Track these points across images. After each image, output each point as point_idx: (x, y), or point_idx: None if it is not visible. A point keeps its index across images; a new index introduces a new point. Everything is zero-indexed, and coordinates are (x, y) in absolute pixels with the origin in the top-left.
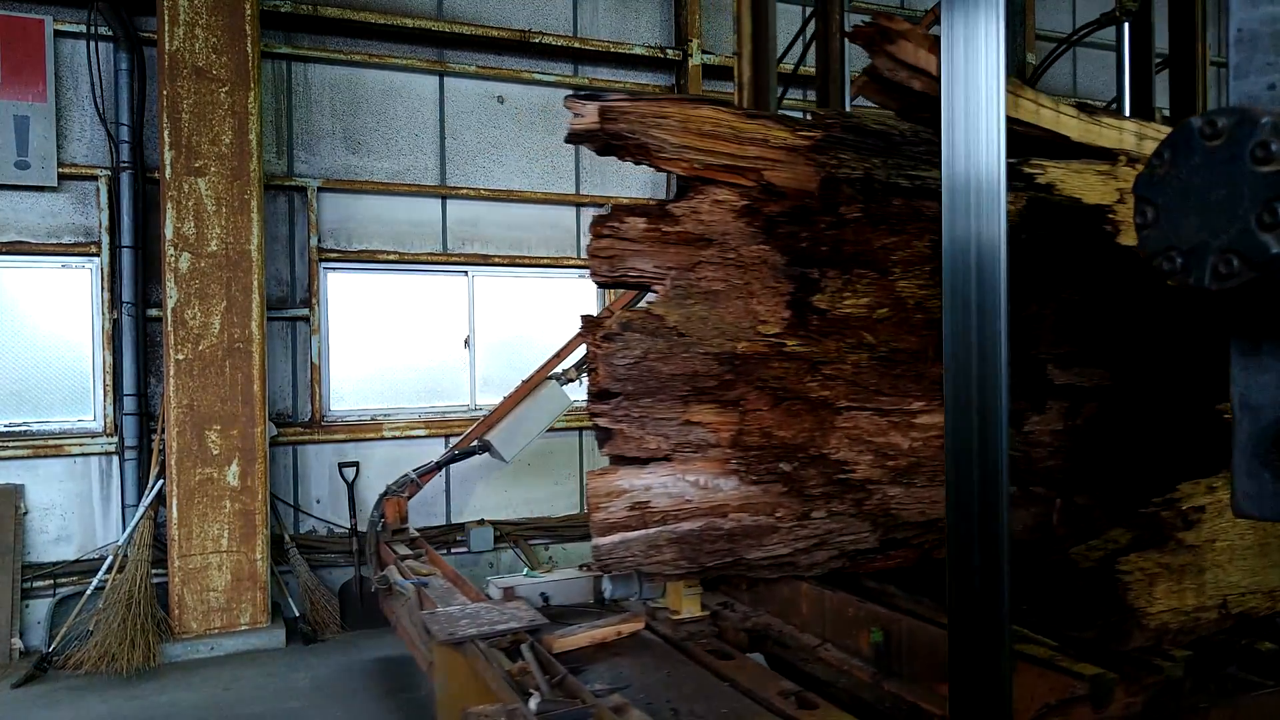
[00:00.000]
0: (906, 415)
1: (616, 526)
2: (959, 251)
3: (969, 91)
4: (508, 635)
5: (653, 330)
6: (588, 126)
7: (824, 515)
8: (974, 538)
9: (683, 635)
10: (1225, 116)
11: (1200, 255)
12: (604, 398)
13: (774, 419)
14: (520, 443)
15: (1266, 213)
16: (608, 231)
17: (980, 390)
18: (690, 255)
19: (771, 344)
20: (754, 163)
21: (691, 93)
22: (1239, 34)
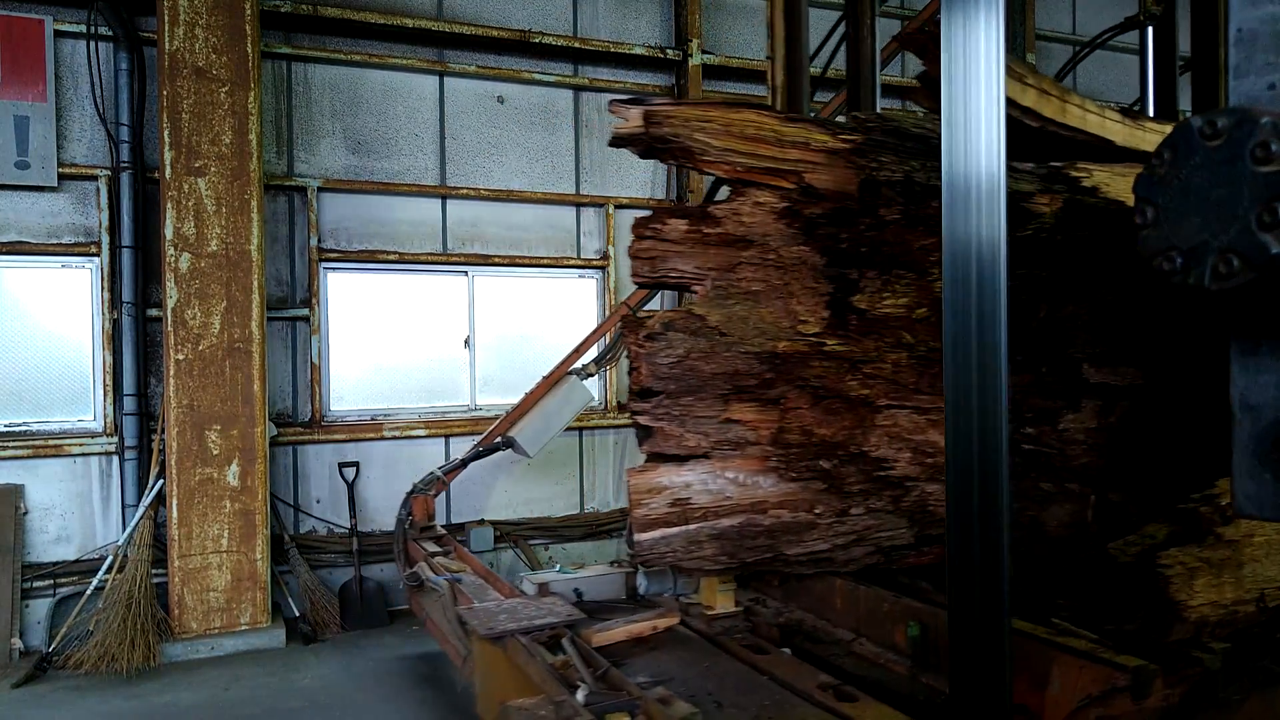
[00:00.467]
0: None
1: (657, 522)
2: (959, 252)
3: (969, 92)
4: (547, 630)
5: (695, 330)
6: (632, 130)
7: (862, 512)
8: (974, 539)
9: (717, 630)
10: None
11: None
12: (645, 396)
13: (814, 417)
14: (543, 438)
15: (1266, 213)
16: (649, 233)
17: (980, 390)
18: (731, 256)
19: (812, 343)
20: (795, 165)
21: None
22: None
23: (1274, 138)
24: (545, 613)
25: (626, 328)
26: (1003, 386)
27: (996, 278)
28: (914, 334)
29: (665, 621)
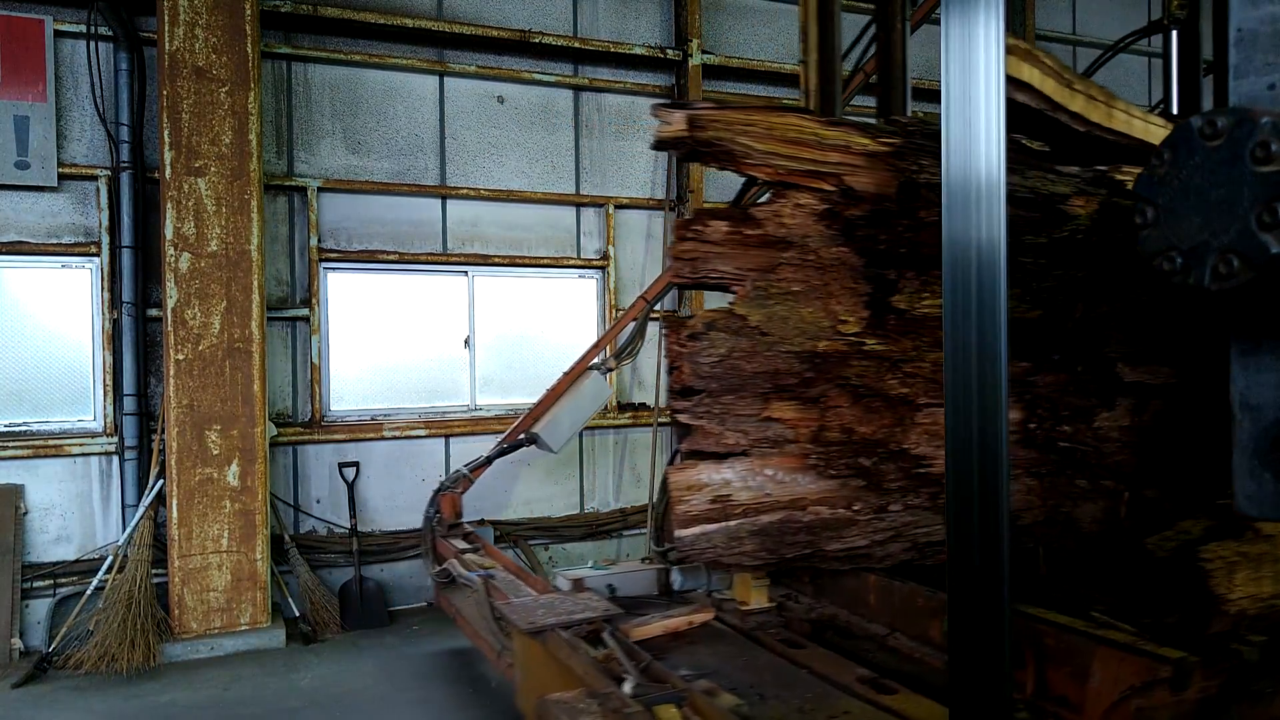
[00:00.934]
0: None
1: (698, 519)
2: (959, 252)
3: (969, 92)
4: (586, 624)
5: (736, 330)
6: (675, 134)
7: (900, 508)
8: (974, 540)
9: (752, 625)
10: (1225, 117)
11: (1200, 255)
12: (686, 395)
13: (854, 415)
14: (566, 433)
15: (1266, 213)
16: (691, 235)
17: (980, 391)
18: (771, 257)
19: (851, 343)
20: (835, 168)
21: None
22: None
23: (1274, 138)
24: (583, 608)
25: (669, 328)
26: (1002, 387)
27: (996, 278)
28: None
29: (701, 616)
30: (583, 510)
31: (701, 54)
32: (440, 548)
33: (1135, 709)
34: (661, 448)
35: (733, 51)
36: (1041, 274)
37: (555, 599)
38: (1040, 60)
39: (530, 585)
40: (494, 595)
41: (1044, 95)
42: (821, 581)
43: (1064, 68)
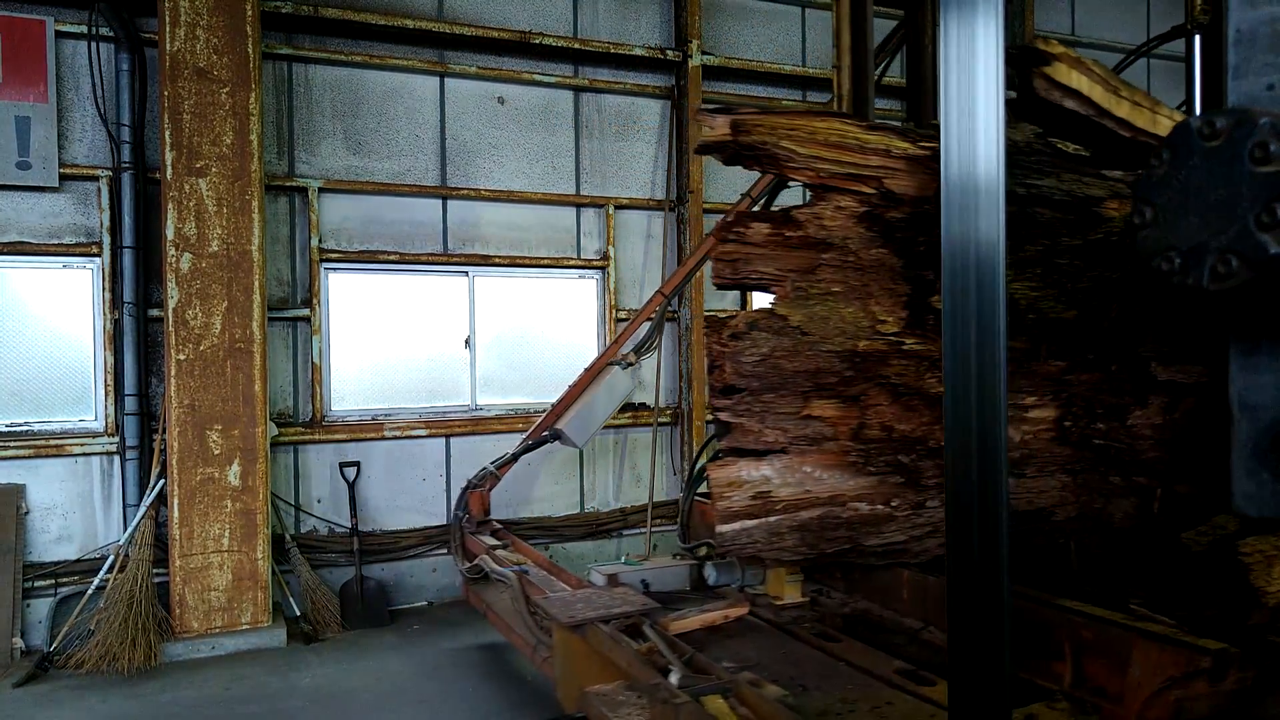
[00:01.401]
0: (1019, 410)
1: (739, 514)
2: (958, 252)
3: (969, 92)
4: (625, 618)
5: (778, 330)
6: (718, 138)
7: (938, 504)
8: (974, 541)
9: (786, 619)
10: (1224, 117)
11: (1199, 255)
12: (727, 393)
13: (894, 413)
14: (590, 429)
15: (1265, 213)
16: (733, 236)
17: (980, 392)
18: (811, 259)
19: (891, 342)
20: (876, 171)
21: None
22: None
23: (1273, 138)
24: (620, 602)
25: (709, 328)
26: (1002, 387)
27: (996, 279)
28: None
29: (736, 611)
30: (583, 510)
31: (701, 55)
32: (470, 544)
33: (1175, 699)
34: (661, 448)
35: (733, 52)
36: (1077, 275)
37: (592, 593)
38: (1089, 68)
39: (564, 580)
40: (528, 590)
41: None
42: (853, 577)
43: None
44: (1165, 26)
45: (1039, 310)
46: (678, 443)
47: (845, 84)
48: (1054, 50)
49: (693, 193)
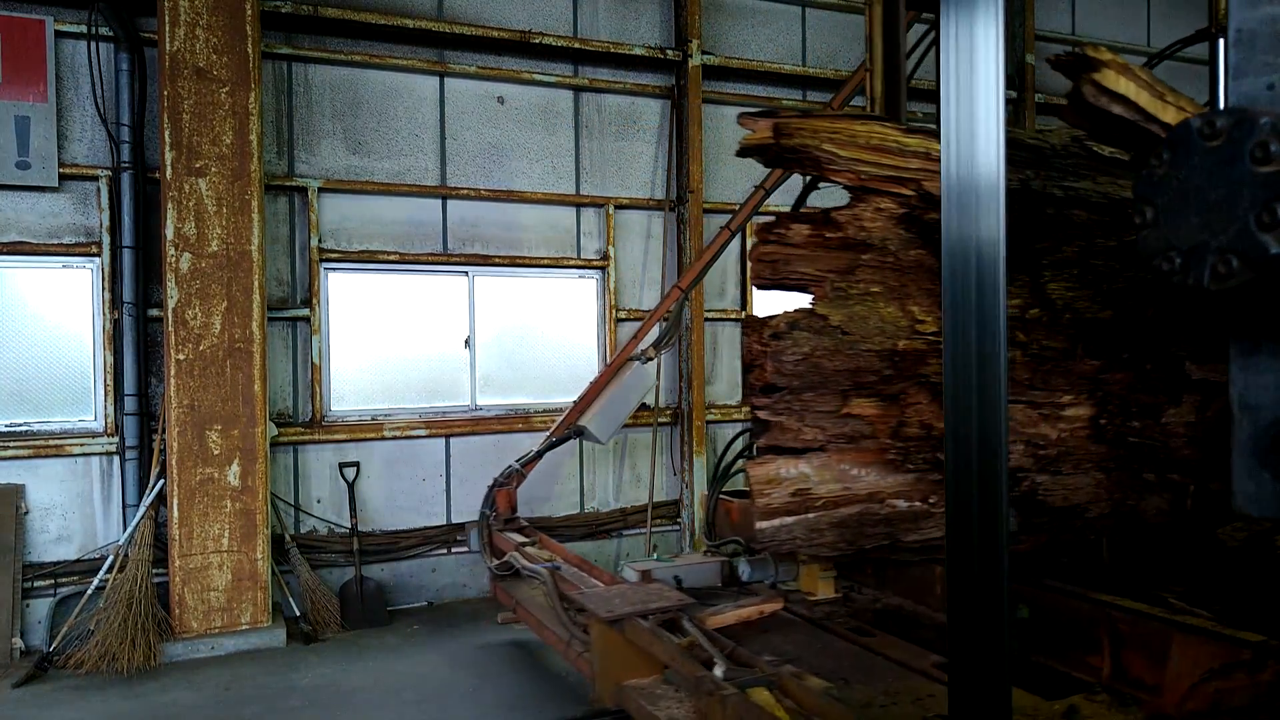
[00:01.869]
0: (1056, 408)
1: (778, 511)
2: (958, 252)
3: (968, 92)
4: (663, 613)
5: (818, 329)
6: (760, 141)
7: None
8: (973, 542)
9: (820, 615)
10: (1224, 117)
11: (1200, 255)
12: (767, 392)
13: (933, 411)
14: (614, 424)
15: (1265, 213)
16: (774, 238)
17: (980, 390)
18: (850, 259)
19: (930, 342)
20: (915, 174)
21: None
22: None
23: (1273, 138)
24: (656, 597)
25: (749, 327)
26: (1002, 386)
27: (996, 278)
28: (1027, 333)
29: (771, 606)
30: (583, 510)
31: (701, 54)
32: (498, 541)
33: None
34: (661, 448)
35: (732, 52)
36: (1113, 276)
37: (626, 589)
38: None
39: (596, 576)
40: (561, 586)
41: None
42: (885, 573)
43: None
44: (1165, 26)
45: (1075, 310)
46: (677, 443)
47: (878, 87)
48: (1103, 57)
49: (693, 192)
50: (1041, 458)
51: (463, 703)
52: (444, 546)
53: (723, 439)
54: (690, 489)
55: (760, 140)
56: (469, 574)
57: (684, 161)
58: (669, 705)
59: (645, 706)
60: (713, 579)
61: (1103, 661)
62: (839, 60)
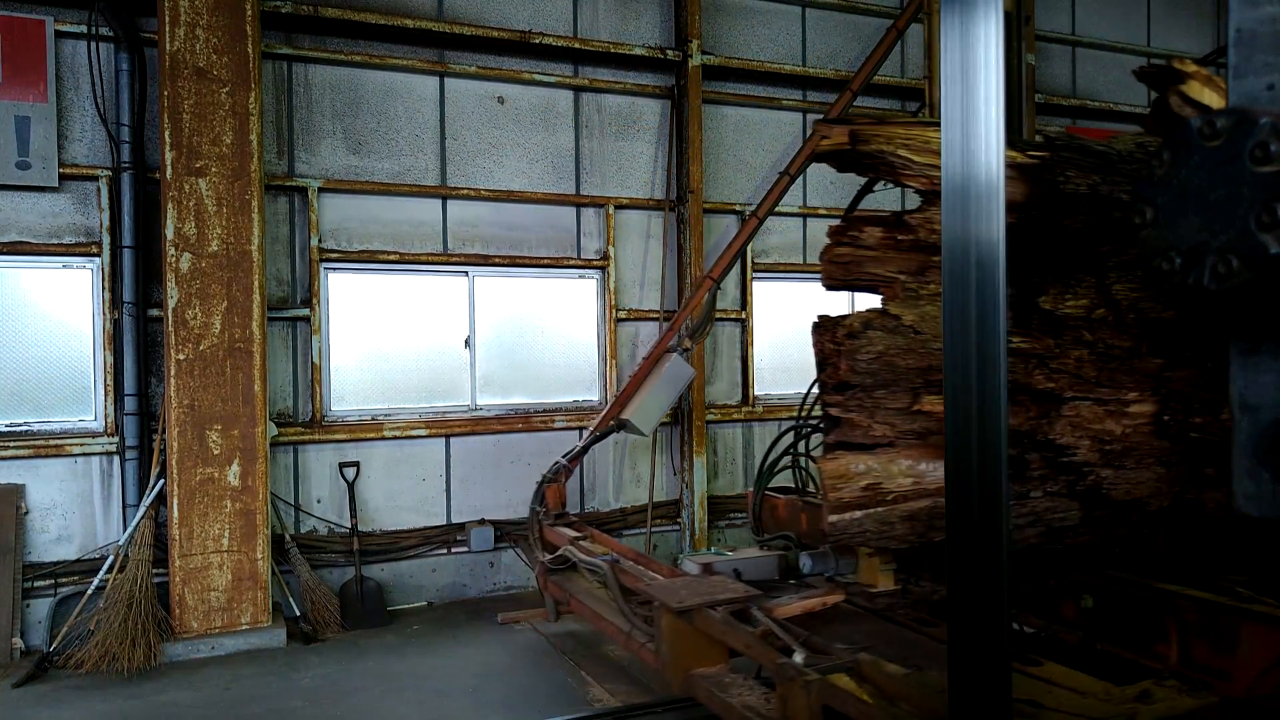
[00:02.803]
0: (1121, 404)
1: (851, 505)
2: (958, 251)
3: (968, 92)
4: (731, 604)
5: (891, 329)
6: (835, 147)
7: (1040, 495)
8: (973, 540)
9: (880, 606)
10: (1224, 117)
11: (1200, 255)
12: (840, 389)
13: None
14: (655, 417)
15: (1265, 213)
16: (847, 240)
17: (980, 390)
18: (921, 260)
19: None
20: None
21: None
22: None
23: (1273, 138)
24: (721, 589)
25: (822, 327)
26: (1002, 386)
27: (995, 278)
28: (1093, 332)
29: (833, 598)
30: (583, 510)
31: (701, 54)
32: (549, 536)
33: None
34: (661, 448)
35: (732, 52)
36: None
37: (691, 581)
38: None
39: (654, 570)
40: (621, 579)
41: None
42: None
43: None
44: (1165, 26)
45: (1140, 310)
46: (677, 443)
47: (937, 93)
48: (1188, 69)
49: (693, 192)
50: (1107, 452)
51: (463, 702)
52: (444, 546)
53: (723, 439)
54: (690, 489)
55: (835, 146)
56: (469, 574)
57: (684, 161)
58: (739, 692)
59: (716, 694)
60: (771, 572)
61: (1169, 649)
62: (839, 60)
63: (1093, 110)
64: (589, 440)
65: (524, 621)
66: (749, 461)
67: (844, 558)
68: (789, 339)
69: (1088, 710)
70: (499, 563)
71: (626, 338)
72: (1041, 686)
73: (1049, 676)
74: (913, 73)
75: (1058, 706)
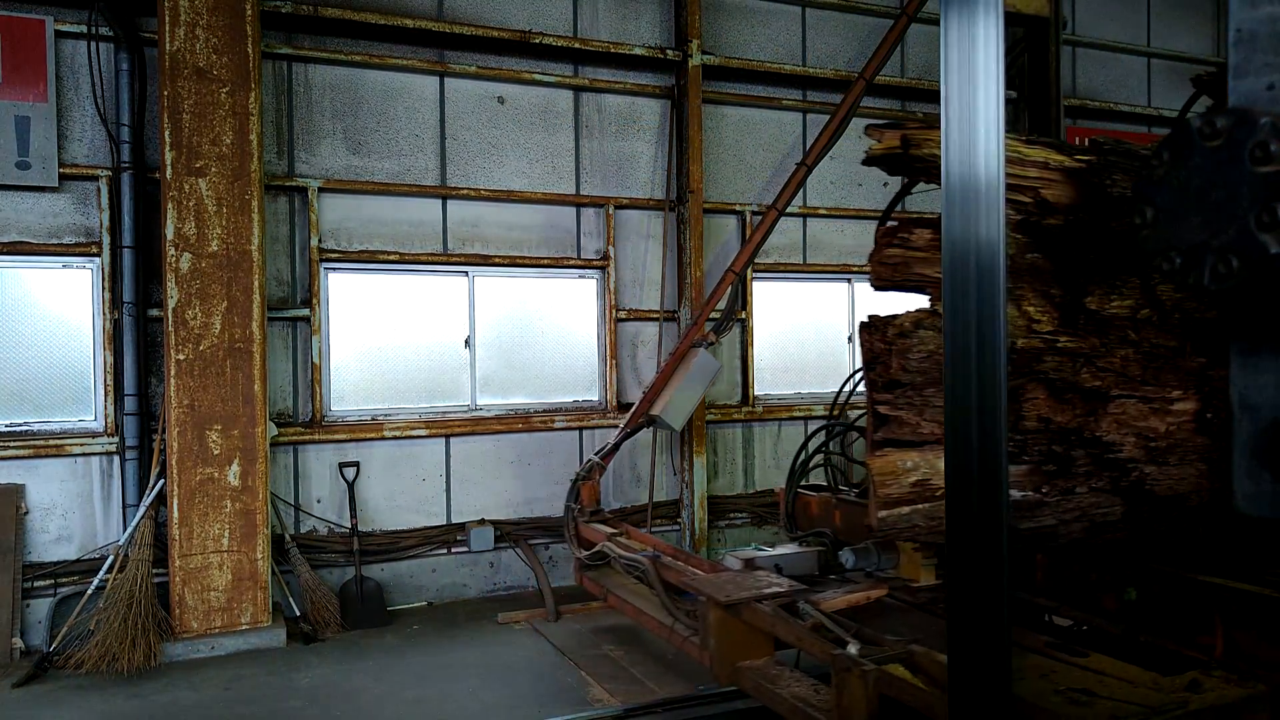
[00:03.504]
0: (1165, 402)
1: (900, 501)
2: (958, 251)
3: (968, 92)
4: (779, 598)
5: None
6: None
7: (1085, 490)
8: (973, 539)
9: (923, 600)
10: (1224, 117)
11: (1199, 255)
12: (890, 388)
13: (1050, 405)
14: (685, 411)
15: (1265, 213)
16: (897, 242)
17: (980, 391)
18: None
19: (1046, 340)
20: (1034, 182)
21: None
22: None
23: (1273, 138)
24: (766, 584)
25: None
26: (1002, 385)
27: (996, 278)
28: (1138, 332)
29: (876, 592)
30: None
31: (701, 54)
32: (586, 533)
33: None
34: (660, 448)
35: (732, 52)
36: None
37: (735, 576)
38: None
39: (694, 565)
40: (663, 574)
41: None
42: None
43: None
44: (1165, 26)
45: (1184, 310)
46: (677, 443)
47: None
48: None
49: (693, 192)
50: (1152, 449)
51: (464, 702)
52: (444, 546)
53: (723, 439)
54: (690, 489)
55: (887, 150)
56: (469, 574)
57: (684, 161)
58: (789, 684)
59: (766, 686)
60: (811, 567)
61: (1215, 640)
62: (839, 60)
63: (1093, 110)
64: (620, 437)
65: (524, 621)
66: (749, 461)
67: (885, 553)
68: (789, 339)
69: (1140, 699)
70: (499, 563)
71: (626, 338)
72: (1092, 677)
73: (1096, 666)
74: (913, 73)
75: (1110, 695)
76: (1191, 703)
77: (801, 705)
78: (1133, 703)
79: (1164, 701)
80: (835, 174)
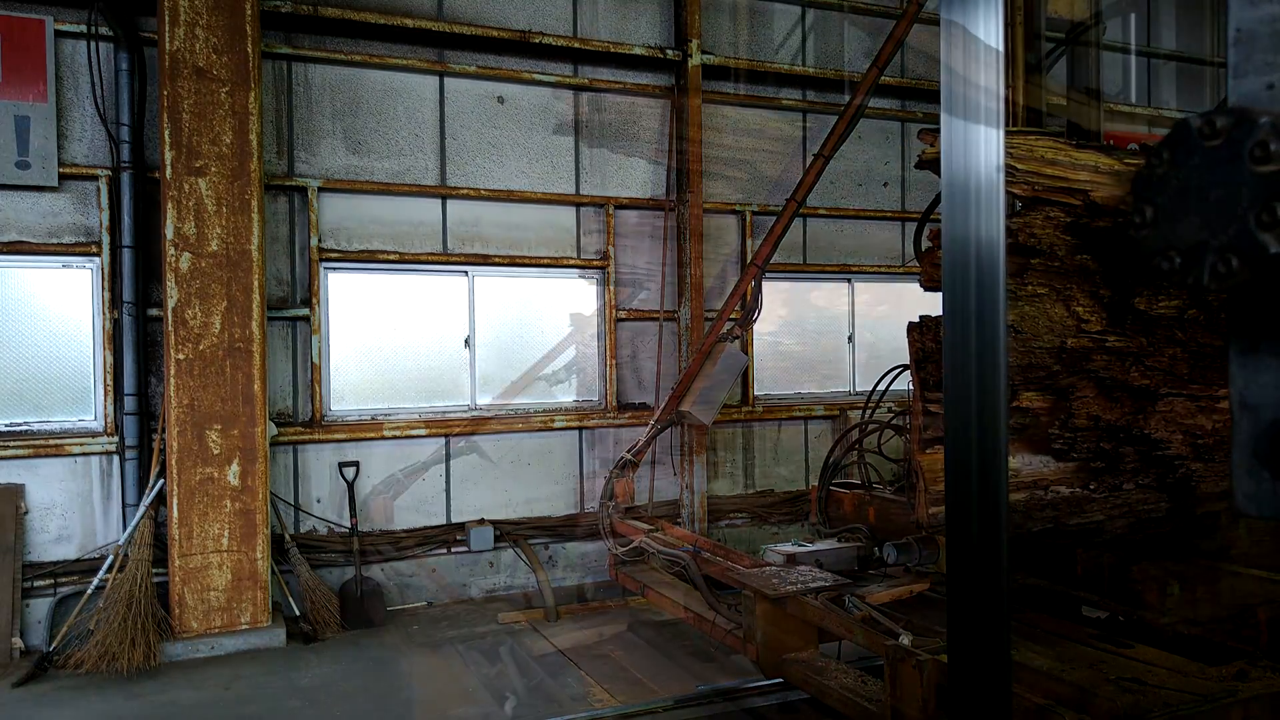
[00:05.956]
0: (1212, 400)
1: None
2: (958, 251)
3: (968, 91)
4: (825, 591)
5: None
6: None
7: (1132, 487)
8: (973, 538)
9: None
10: (1224, 117)
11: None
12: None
13: (1100, 404)
14: (715, 406)
15: (1265, 212)
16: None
17: (980, 389)
18: (1020, 263)
19: (1095, 339)
20: (1084, 185)
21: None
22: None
23: (1273, 138)
24: (810, 578)
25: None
26: (1002, 385)
27: (996, 278)
28: (1185, 332)
29: (919, 586)
30: (582, 510)
31: (701, 54)
32: (622, 529)
33: None
34: (661, 447)
35: (733, 52)
36: None
37: (779, 570)
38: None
39: (734, 560)
40: (703, 568)
41: None
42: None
43: None
44: (1165, 26)
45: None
46: (677, 443)
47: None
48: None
49: (693, 192)
50: (1199, 446)
51: (464, 702)
52: (444, 546)
53: (723, 439)
54: (690, 489)
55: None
56: (468, 574)
57: (684, 162)
58: (836, 675)
59: (814, 677)
60: (850, 562)
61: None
62: (839, 60)
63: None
64: (651, 434)
65: (524, 621)
66: (749, 462)
67: (926, 548)
68: (789, 339)
69: (1189, 688)
70: (499, 562)
71: (626, 338)
72: (1140, 667)
73: (1142, 657)
74: (913, 73)
75: (1160, 684)
76: (1240, 691)
77: (851, 695)
78: (1184, 691)
79: (1214, 690)
80: (835, 174)
